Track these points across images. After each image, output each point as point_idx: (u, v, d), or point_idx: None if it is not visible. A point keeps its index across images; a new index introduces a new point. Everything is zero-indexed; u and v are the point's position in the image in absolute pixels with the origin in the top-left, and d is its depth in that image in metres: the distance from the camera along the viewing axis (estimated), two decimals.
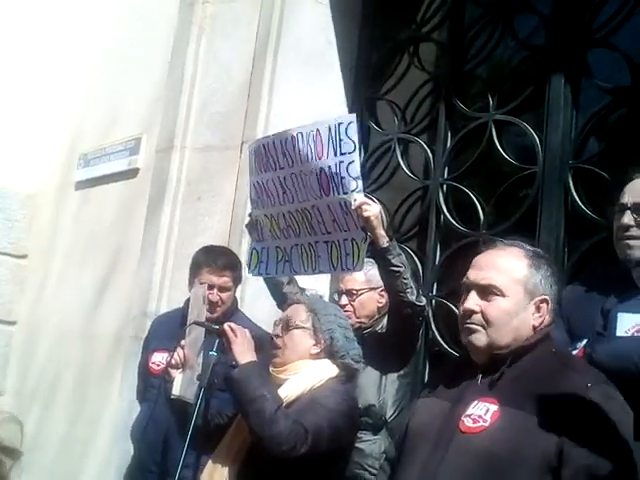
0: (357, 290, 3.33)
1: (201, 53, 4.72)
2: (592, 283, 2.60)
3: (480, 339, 2.06)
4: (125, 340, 4.61)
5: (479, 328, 2.06)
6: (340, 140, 2.83)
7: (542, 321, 2.08)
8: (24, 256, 6.37)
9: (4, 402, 6.03)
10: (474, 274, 2.12)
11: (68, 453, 5.08)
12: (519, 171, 3.71)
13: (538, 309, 2.07)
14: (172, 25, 4.97)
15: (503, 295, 2.05)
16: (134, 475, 3.48)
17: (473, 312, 2.07)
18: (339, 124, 2.85)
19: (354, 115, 2.91)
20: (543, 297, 2.08)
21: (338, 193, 2.89)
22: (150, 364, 3.46)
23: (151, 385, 3.40)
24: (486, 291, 2.07)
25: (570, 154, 3.51)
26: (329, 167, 2.87)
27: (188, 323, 2.87)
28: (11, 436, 5.35)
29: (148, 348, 3.59)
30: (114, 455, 4.30)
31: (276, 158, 3.10)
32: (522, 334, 2.06)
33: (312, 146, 2.92)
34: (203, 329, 2.86)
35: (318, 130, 2.90)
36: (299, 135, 2.97)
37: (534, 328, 2.07)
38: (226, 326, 2.73)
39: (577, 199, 3.42)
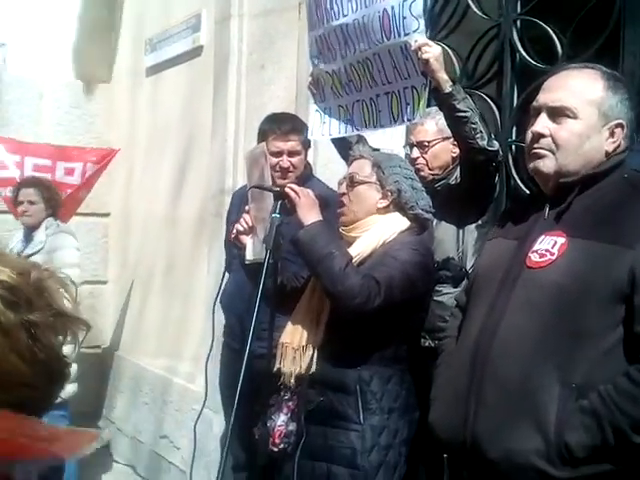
0: (429, 141, 3.21)
1: None
2: None
3: (548, 165, 1.93)
4: (207, 218, 4.65)
5: (547, 153, 1.93)
6: None
7: (616, 147, 1.93)
8: None
9: (108, 290, 6.30)
10: (544, 96, 1.97)
11: (168, 334, 5.28)
12: None
13: (612, 134, 1.93)
14: None
15: (575, 117, 1.91)
16: (228, 341, 3.64)
17: (542, 136, 1.93)
18: None
19: None
20: (618, 121, 1.93)
21: (399, 35, 2.74)
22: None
23: (234, 255, 3.44)
24: (557, 113, 1.93)
25: None
26: (392, 7, 2.73)
27: (248, 187, 2.82)
28: None
29: (230, 221, 3.63)
30: (209, 328, 4.42)
31: (340, 5, 2.98)
32: (593, 160, 1.92)
33: None
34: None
35: None
36: None
37: (607, 154, 1.93)
38: (287, 188, 2.67)
39: None
